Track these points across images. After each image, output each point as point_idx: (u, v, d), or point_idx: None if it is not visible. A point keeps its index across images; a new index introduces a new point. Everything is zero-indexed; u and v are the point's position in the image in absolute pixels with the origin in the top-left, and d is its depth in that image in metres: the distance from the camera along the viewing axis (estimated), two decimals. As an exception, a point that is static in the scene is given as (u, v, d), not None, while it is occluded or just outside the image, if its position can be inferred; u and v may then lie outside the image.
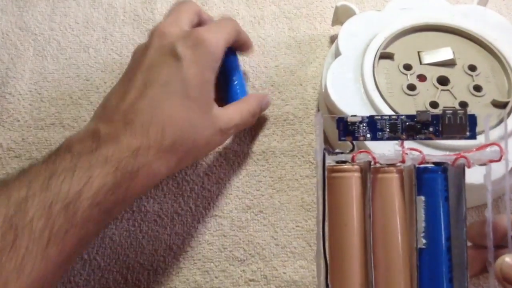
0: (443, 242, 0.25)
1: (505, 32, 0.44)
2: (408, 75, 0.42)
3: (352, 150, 0.26)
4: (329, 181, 0.25)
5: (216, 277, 0.39)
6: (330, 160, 0.25)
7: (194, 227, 0.41)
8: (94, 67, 0.50)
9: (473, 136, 0.26)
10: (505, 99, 0.40)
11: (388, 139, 0.26)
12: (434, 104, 0.40)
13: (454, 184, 0.25)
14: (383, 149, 0.26)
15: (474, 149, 0.25)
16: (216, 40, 0.37)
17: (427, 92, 0.41)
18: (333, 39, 0.52)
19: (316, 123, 0.26)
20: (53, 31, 0.53)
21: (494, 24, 0.45)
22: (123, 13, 0.54)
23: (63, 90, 0.48)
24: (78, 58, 0.51)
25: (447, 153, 0.26)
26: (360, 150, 0.25)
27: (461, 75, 0.42)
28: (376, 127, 0.25)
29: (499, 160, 0.25)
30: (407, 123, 0.25)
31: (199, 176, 0.43)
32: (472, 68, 0.42)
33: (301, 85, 0.48)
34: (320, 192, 0.25)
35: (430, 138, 0.26)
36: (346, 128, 0.26)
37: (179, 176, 0.43)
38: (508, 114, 0.40)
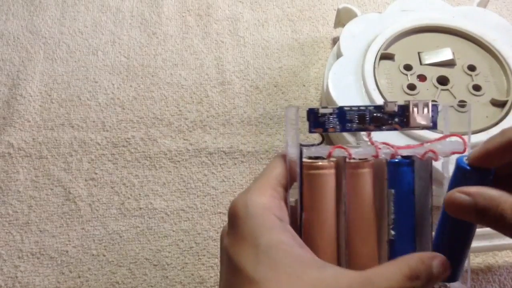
0: (409, 233, 0.26)
1: (504, 32, 0.45)
2: (409, 75, 0.43)
3: (322, 142, 0.26)
4: (306, 177, 0.25)
5: (220, 272, 0.40)
6: (305, 154, 0.25)
7: (199, 223, 0.42)
8: (102, 69, 0.51)
9: (435, 126, 0.26)
10: (504, 98, 0.41)
11: (357, 130, 0.26)
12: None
13: (421, 176, 0.26)
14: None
15: (435, 139, 0.26)
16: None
17: (427, 92, 0.42)
18: (335, 41, 0.53)
19: (287, 117, 0.25)
20: (63, 35, 0.54)
21: (493, 25, 0.46)
22: (131, 17, 0.55)
23: (72, 91, 0.50)
24: (87, 60, 0.52)
25: (414, 143, 0.26)
26: (335, 146, 0.25)
27: (461, 75, 0.43)
28: (345, 118, 0.25)
29: (463, 151, 0.25)
30: (374, 114, 0.25)
31: (204, 175, 0.44)
32: (472, 68, 0.43)
33: (304, 86, 0.49)
34: (298, 190, 0.25)
35: (396, 129, 0.26)
36: (317, 120, 0.25)
37: (185, 175, 0.44)
38: (507, 113, 0.40)
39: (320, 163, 0.25)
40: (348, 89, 0.42)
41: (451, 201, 0.23)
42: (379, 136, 0.26)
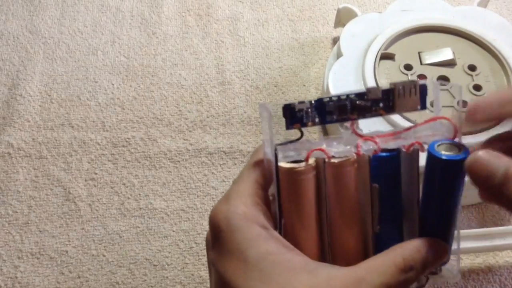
0: (396, 226, 0.25)
1: (505, 32, 0.45)
2: (409, 75, 0.43)
3: (300, 138, 0.24)
4: (284, 183, 0.24)
5: (221, 273, 0.39)
6: (281, 155, 0.24)
7: (199, 224, 0.42)
8: (102, 69, 0.51)
9: (424, 107, 0.24)
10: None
11: (338, 121, 0.24)
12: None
13: (407, 168, 0.24)
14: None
15: (423, 122, 0.24)
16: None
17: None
18: (335, 41, 0.53)
19: (262, 115, 0.24)
20: (63, 35, 0.54)
21: (494, 24, 0.46)
22: (131, 17, 0.55)
23: (72, 91, 0.50)
24: (87, 60, 0.52)
25: (398, 128, 0.24)
26: (313, 149, 0.23)
27: (461, 75, 0.43)
28: (324, 110, 0.23)
29: (454, 138, 0.23)
30: (357, 102, 0.23)
31: (204, 175, 0.44)
32: (472, 68, 0.43)
33: (304, 85, 0.49)
34: (276, 196, 0.24)
35: (381, 115, 0.24)
36: (294, 116, 0.23)
37: (185, 175, 0.44)
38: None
39: (297, 168, 0.23)
40: (348, 89, 0.42)
41: (481, 162, 0.21)
42: (362, 122, 0.24)
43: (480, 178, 0.22)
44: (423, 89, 0.24)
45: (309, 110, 0.23)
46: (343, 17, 0.50)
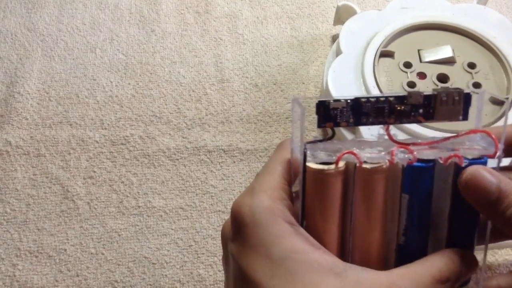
0: (421, 239, 0.24)
1: (504, 30, 0.45)
2: (408, 73, 0.43)
3: (332, 137, 0.23)
4: (311, 184, 0.23)
5: (219, 271, 0.39)
6: (310, 157, 0.23)
7: (198, 222, 0.42)
8: (100, 67, 0.51)
9: (465, 118, 0.23)
10: (504, 96, 0.41)
11: (373, 123, 0.23)
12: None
13: (441, 180, 0.23)
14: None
15: (463, 133, 0.23)
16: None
17: (427, 90, 0.42)
18: (334, 38, 0.52)
19: (293, 111, 0.22)
20: (61, 32, 0.54)
21: (494, 22, 0.46)
22: (129, 14, 0.55)
23: (70, 89, 0.49)
24: (85, 58, 0.52)
25: (436, 133, 0.23)
26: (344, 152, 0.22)
27: (461, 72, 0.43)
28: (360, 110, 0.22)
29: (494, 155, 0.22)
30: (395, 106, 0.22)
31: (203, 173, 0.44)
32: (472, 65, 0.43)
33: (303, 83, 0.49)
34: (301, 196, 0.23)
35: (419, 121, 0.23)
36: (328, 114, 0.22)
37: (184, 173, 0.44)
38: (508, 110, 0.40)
39: (327, 171, 0.22)
40: (347, 86, 0.42)
41: (474, 177, 0.21)
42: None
43: (476, 194, 0.22)
44: (467, 99, 0.23)
45: (345, 109, 0.22)
46: (342, 15, 0.50)
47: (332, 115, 0.22)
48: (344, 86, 0.42)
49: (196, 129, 0.47)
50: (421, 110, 0.23)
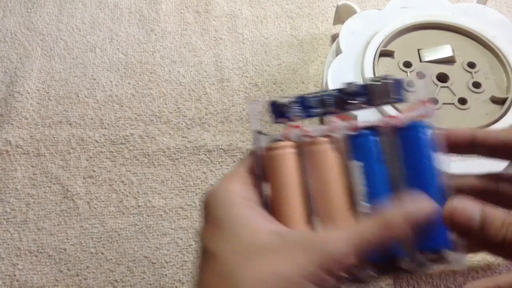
0: (385, 203, 0.25)
1: (504, 29, 0.45)
2: (408, 72, 0.43)
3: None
4: (266, 160, 0.25)
5: (219, 270, 0.39)
6: (263, 138, 0.26)
7: (198, 221, 0.42)
8: (100, 66, 0.51)
9: (401, 100, 0.26)
10: (503, 96, 0.41)
11: (321, 114, 0.26)
12: (434, 101, 0.41)
13: (389, 146, 0.25)
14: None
15: (407, 108, 0.25)
16: None
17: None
18: (334, 37, 0.52)
19: (251, 111, 0.26)
20: (61, 32, 0.54)
21: (493, 22, 0.46)
22: (129, 14, 0.55)
23: (70, 88, 0.49)
24: (85, 57, 0.52)
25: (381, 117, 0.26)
26: (290, 125, 0.25)
27: (461, 72, 0.43)
28: (308, 105, 0.25)
29: (430, 115, 0.25)
30: (336, 96, 0.25)
31: (203, 172, 0.44)
32: (471, 65, 0.43)
33: (303, 83, 0.49)
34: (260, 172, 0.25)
35: (361, 108, 0.26)
36: (279, 111, 0.25)
37: (184, 172, 0.44)
38: (507, 110, 0.40)
39: (274, 144, 0.25)
40: (347, 86, 0.42)
41: (458, 210, 0.23)
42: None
43: (460, 225, 0.22)
44: (396, 84, 0.26)
45: (294, 105, 0.25)
46: (342, 14, 0.50)
47: (284, 112, 0.25)
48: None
49: (196, 129, 0.47)
50: (360, 98, 0.26)
